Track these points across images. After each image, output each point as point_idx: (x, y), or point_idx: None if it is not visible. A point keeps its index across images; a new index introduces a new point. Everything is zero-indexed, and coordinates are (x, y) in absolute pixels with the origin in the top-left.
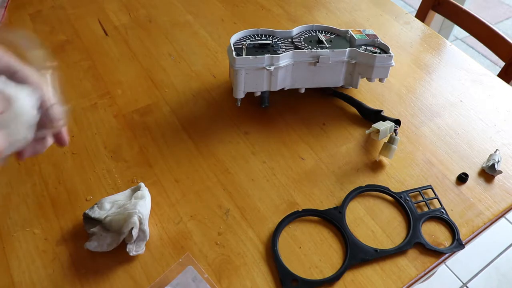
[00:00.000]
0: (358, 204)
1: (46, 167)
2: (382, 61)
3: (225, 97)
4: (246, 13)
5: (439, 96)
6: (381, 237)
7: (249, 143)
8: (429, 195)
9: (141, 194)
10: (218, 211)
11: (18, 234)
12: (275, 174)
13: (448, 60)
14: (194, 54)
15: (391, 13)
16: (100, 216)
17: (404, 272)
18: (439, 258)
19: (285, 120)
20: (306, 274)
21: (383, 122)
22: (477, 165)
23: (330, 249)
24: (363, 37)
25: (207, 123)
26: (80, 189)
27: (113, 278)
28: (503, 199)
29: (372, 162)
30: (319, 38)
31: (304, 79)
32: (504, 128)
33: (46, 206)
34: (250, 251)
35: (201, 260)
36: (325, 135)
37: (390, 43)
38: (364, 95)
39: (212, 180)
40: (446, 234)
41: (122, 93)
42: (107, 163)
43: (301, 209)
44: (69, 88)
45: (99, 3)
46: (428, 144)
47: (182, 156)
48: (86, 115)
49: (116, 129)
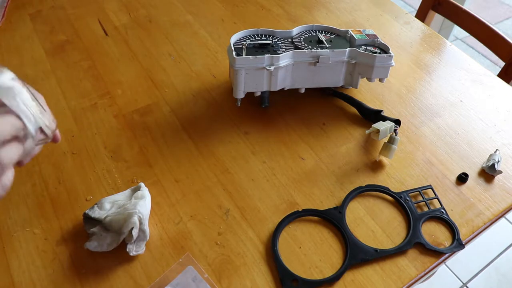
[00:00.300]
0: (358, 204)
1: (46, 167)
2: (382, 61)
3: (225, 97)
4: (246, 13)
5: (439, 96)
6: (381, 237)
7: (249, 143)
8: (429, 195)
9: (141, 194)
10: (218, 211)
11: (18, 234)
12: (275, 174)
13: (448, 60)
14: (194, 54)
15: (391, 13)
16: (100, 216)
17: (404, 272)
18: (439, 258)
19: (285, 120)
20: (306, 274)
21: (383, 122)
22: (477, 165)
23: (330, 249)
24: (363, 37)
25: (207, 123)
26: (80, 189)
27: (113, 278)
28: (503, 199)
29: (372, 162)
30: (319, 38)
31: (304, 79)
32: (504, 128)
33: (46, 206)
34: (250, 251)
35: (201, 260)
36: (325, 135)
37: (390, 43)
38: (364, 95)
39: (212, 180)
40: (446, 234)
41: (122, 93)
42: (107, 163)
43: (301, 209)
44: (69, 88)
45: (99, 3)
46: (428, 144)
47: (182, 156)
48: (86, 115)
49: (116, 129)
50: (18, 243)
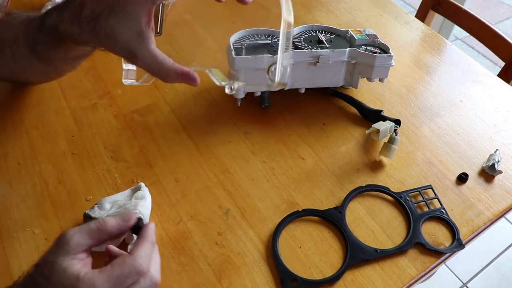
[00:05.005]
0: (358, 204)
1: (46, 167)
2: (382, 61)
3: (225, 97)
4: (245, 13)
5: (439, 96)
6: (381, 237)
7: (249, 143)
8: (429, 195)
9: (142, 194)
10: (218, 211)
11: (18, 234)
12: (275, 174)
13: (448, 60)
14: (194, 54)
15: (391, 13)
16: (100, 216)
17: (404, 272)
18: (439, 258)
19: (285, 120)
20: (306, 274)
21: (383, 122)
22: (477, 165)
23: (330, 249)
24: (363, 37)
25: (207, 123)
26: (80, 189)
27: None
28: (503, 199)
29: (372, 162)
30: (319, 38)
31: (304, 79)
32: (504, 128)
33: (46, 206)
34: (250, 251)
35: (201, 260)
36: (325, 135)
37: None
38: (364, 95)
39: (212, 180)
40: (446, 234)
41: (122, 93)
42: (107, 163)
43: (301, 209)
44: (69, 88)
45: None
46: (428, 144)
47: (182, 156)
48: (86, 115)
49: (116, 129)
50: (18, 243)
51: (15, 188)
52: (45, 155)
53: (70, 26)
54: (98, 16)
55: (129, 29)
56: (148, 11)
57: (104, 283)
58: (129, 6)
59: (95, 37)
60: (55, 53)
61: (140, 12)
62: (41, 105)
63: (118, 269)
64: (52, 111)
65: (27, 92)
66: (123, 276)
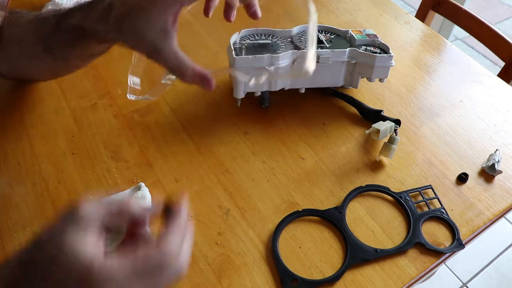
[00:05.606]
0: (358, 204)
1: (46, 167)
2: (382, 61)
3: (225, 97)
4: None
5: (439, 96)
6: (381, 237)
7: (249, 143)
8: (429, 195)
9: (142, 194)
10: (218, 211)
11: (19, 234)
12: (275, 174)
13: (448, 60)
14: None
15: (391, 13)
16: None
17: (404, 272)
18: (439, 258)
19: (285, 120)
20: (306, 274)
21: (383, 122)
22: (477, 165)
23: (330, 249)
24: (363, 37)
25: (207, 123)
26: (80, 189)
27: None
28: (503, 199)
29: (372, 162)
30: (319, 38)
31: (304, 79)
32: (504, 128)
33: (46, 206)
34: (250, 251)
35: (201, 260)
36: (325, 135)
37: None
38: (364, 95)
39: (212, 180)
40: (446, 234)
41: (122, 93)
42: (107, 163)
43: (301, 209)
44: (69, 88)
45: None
46: (428, 144)
47: (182, 156)
48: (86, 115)
49: (116, 129)
50: (18, 243)
51: (15, 188)
52: (45, 155)
53: (97, 25)
54: (126, 15)
55: (155, 28)
56: (175, 12)
57: (123, 280)
58: (158, 6)
59: (120, 34)
60: (71, 52)
61: (168, 12)
62: (41, 105)
63: (143, 261)
64: (52, 111)
65: (27, 92)
66: (147, 269)
